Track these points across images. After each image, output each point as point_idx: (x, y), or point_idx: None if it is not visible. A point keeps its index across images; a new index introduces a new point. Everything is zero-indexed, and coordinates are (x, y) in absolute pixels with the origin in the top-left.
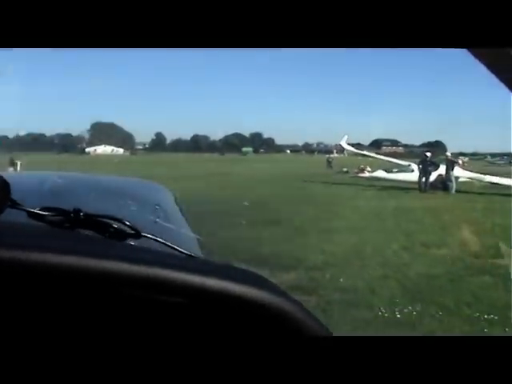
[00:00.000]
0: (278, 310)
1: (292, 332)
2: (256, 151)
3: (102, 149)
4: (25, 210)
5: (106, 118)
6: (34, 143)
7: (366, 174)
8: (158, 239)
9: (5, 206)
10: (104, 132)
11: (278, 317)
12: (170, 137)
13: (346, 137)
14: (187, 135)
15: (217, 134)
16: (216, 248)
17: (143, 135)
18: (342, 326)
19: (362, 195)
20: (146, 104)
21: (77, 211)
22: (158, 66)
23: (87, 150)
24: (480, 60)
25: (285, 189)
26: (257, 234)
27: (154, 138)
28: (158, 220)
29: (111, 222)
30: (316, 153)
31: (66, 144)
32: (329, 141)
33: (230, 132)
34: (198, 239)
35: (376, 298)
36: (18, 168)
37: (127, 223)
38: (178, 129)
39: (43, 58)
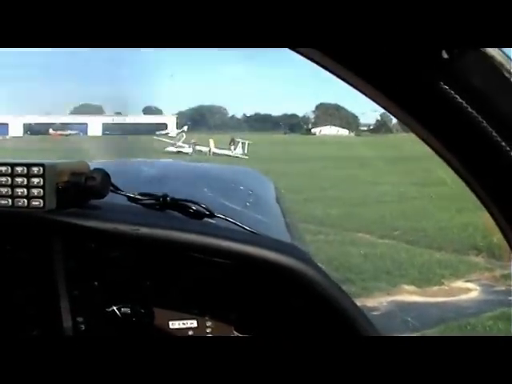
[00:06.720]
0: (300, 275)
1: (314, 298)
2: None
3: (328, 130)
4: (124, 195)
5: (330, 99)
6: (262, 123)
7: None
8: (228, 219)
9: (107, 191)
10: (329, 113)
11: (299, 280)
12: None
13: None
14: None
15: None
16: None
17: (367, 116)
18: None
19: None
20: None
21: (165, 196)
22: None
23: (313, 130)
24: None
25: None
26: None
27: (379, 118)
28: (247, 204)
29: (191, 204)
30: None
31: (292, 124)
32: None
33: None
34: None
35: None
36: (246, 147)
37: (203, 206)
38: None
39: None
